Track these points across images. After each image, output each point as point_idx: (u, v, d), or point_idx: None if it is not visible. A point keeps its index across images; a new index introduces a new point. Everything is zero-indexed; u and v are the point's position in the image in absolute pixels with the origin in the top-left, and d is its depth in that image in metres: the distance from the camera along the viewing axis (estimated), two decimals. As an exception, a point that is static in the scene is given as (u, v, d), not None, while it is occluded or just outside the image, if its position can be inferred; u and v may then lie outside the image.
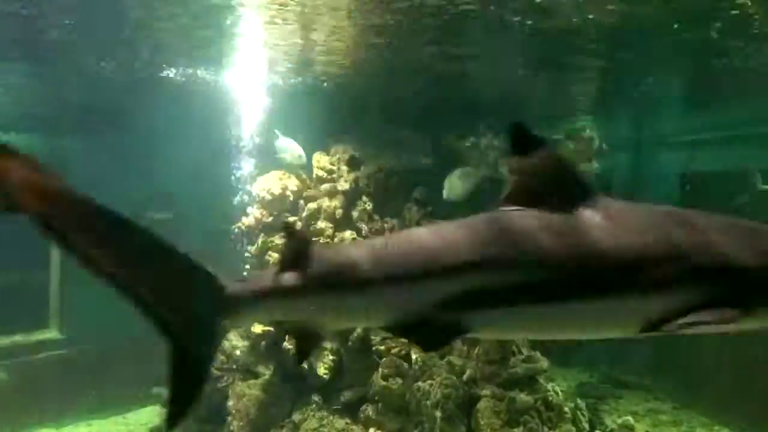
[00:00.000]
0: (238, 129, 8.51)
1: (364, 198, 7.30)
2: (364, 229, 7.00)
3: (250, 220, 7.55)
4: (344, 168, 7.56)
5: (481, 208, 2.32)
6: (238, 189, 8.22)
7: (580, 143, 7.28)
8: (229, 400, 6.56)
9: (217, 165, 8.73)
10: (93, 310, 9.24)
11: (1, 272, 8.86)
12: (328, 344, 6.44)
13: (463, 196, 6.90)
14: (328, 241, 6.69)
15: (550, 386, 6.16)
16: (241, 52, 6.29)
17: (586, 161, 7.21)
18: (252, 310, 2.18)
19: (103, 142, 9.53)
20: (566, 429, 5.78)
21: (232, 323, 2.48)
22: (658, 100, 8.41)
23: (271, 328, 6.54)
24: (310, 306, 2.19)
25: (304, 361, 6.25)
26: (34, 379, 8.67)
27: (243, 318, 2.38)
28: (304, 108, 8.09)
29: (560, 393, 6.25)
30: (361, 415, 6.17)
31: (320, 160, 7.72)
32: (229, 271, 2.15)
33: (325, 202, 7.20)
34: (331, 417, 6.19)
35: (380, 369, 6.14)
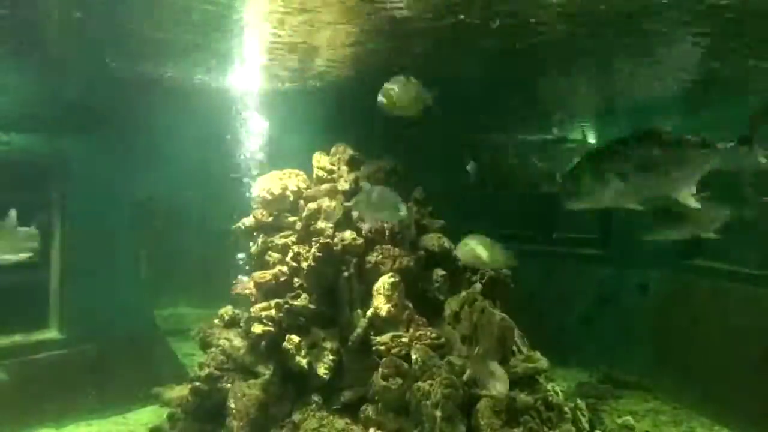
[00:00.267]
0: (240, 130, 8.51)
1: (365, 198, 7.27)
2: (364, 229, 7.00)
3: (250, 220, 7.56)
4: (344, 168, 7.57)
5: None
6: (238, 189, 8.22)
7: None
8: (229, 400, 6.56)
9: (218, 165, 8.74)
10: (93, 310, 9.26)
11: (0, 272, 8.84)
12: (328, 344, 6.43)
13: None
14: (328, 241, 6.68)
15: (550, 386, 6.17)
16: (245, 54, 6.30)
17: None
18: None
19: (104, 141, 9.52)
20: (566, 429, 5.78)
21: None
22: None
23: (271, 328, 6.54)
24: None
25: (304, 361, 6.26)
26: (34, 379, 8.66)
27: None
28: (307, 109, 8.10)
29: (560, 393, 6.26)
30: (361, 415, 6.17)
31: (320, 160, 7.73)
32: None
33: (325, 202, 7.20)
34: (331, 417, 6.19)
35: (380, 369, 6.13)
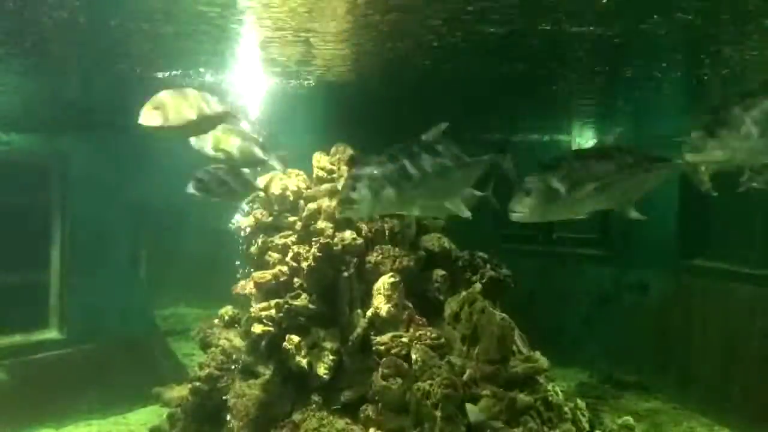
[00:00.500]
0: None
1: (365, 198, 7.26)
2: (364, 229, 7.00)
3: (250, 220, 7.55)
4: (344, 168, 7.55)
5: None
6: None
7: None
8: (229, 400, 6.55)
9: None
10: (93, 311, 9.26)
11: (1, 272, 8.85)
12: (328, 344, 6.43)
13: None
14: (328, 241, 6.67)
15: (550, 386, 6.16)
16: (243, 54, 6.29)
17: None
18: None
19: (103, 142, 9.52)
20: (566, 429, 5.78)
21: None
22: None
23: (271, 328, 6.54)
24: None
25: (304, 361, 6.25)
26: (34, 379, 8.67)
27: None
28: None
29: (560, 393, 6.26)
30: (361, 415, 6.16)
31: (320, 160, 7.71)
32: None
33: (325, 202, 7.19)
34: (331, 417, 6.19)
35: (380, 369, 6.13)
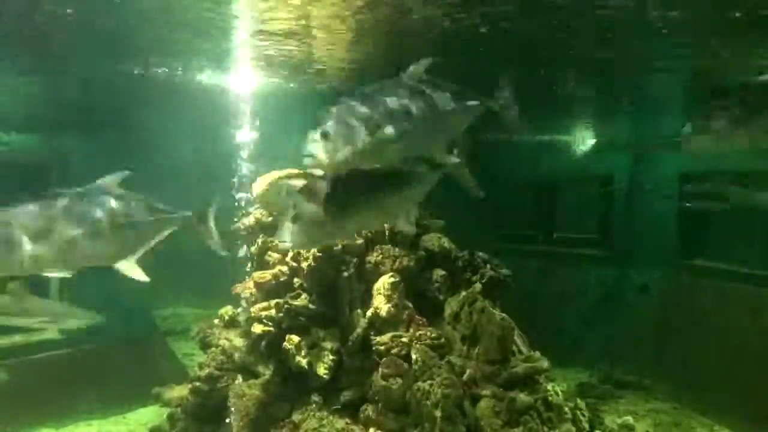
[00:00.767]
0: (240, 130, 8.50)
1: (365, 197, 7.25)
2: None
3: (250, 220, 7.55)
4: (344, 168, 7.55)
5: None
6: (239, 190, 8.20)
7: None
8: (229, 400, 6.55)
9: (217, 165, 8.73)
10: (93, 310, 9.25)
11: (1, 272, 8.84)
12: (328, 344, 6.42)
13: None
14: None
15: (550, 386, 6.16)
16: (242, 54, 6.29)
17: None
18: None
19: (104, 142, 9.52)
20: (566, 429, 5.78)
21: None
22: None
23: (271, 328, 6.53)
24: None
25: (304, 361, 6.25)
26: (34, 379, 8.66)
27: None
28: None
29: (560, 393, 6.25)
30: (361, 415, 6.16)
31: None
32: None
33: (326, 202, 7.19)
34: (331, 417, 6.18)
35: (380, 369, 6.13)
